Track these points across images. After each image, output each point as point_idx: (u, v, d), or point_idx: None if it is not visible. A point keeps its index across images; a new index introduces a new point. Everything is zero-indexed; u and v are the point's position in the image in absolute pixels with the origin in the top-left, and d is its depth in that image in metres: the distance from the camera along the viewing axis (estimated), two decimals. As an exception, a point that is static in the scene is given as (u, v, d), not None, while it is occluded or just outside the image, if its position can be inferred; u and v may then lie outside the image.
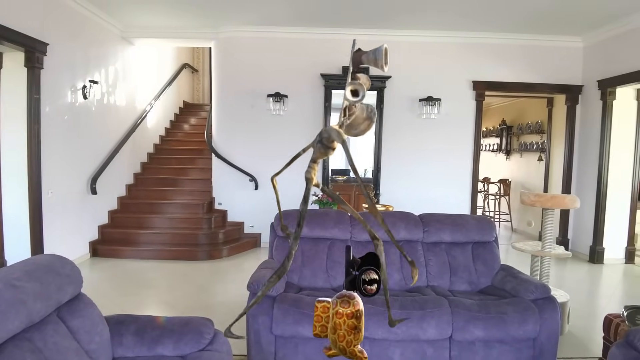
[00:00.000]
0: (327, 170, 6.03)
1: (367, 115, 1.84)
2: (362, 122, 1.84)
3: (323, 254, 3.08)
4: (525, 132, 8.05)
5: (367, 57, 1.80)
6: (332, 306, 1.21)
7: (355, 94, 1.79)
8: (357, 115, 1.80)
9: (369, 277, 1.42)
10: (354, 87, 1.78)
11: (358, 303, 1.27)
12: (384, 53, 1.72)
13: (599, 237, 5.68)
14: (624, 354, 2.06)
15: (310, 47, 5.97)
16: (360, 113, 1.82)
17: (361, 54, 1.85)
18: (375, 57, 1.75)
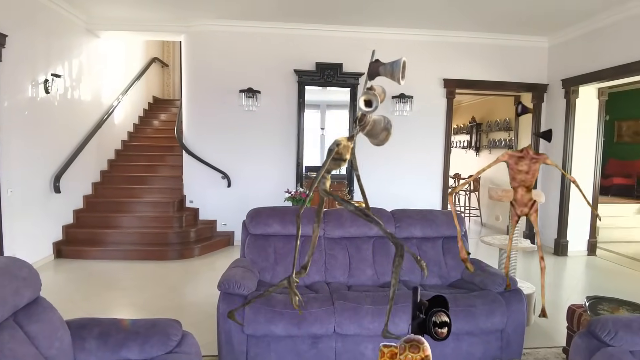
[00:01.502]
0: (301, 167, 6.00)
1: (385, 126, 1.86)
2: (380, 132, 1.86)
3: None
4: (494, 129, 8.27)
5: (384, 69, 1.80)
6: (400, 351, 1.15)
7: (368, 104, 1.79)
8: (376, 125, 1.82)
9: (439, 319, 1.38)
10: (368, 98, 1.78)
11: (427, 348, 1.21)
12: (402, 66, 1.72)
13: (563, 231, 5.90)
14: (587, 343, 2.13)
15: (283, 42, 5.92)
16: (379, 123, 1.83)
17: (379, 65, 1.84)
18: (393, 70, 1.74)
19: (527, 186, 2.03)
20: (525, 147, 2.06)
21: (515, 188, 2.04)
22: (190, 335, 1.98)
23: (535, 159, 2.01)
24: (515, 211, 2.06)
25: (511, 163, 2.02)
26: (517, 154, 2.01)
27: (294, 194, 3.91)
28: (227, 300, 2.52)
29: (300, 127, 5.92)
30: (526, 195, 2.04)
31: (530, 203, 2.03)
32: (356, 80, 5.93)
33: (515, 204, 2.05)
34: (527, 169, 1.99)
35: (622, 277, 5.02)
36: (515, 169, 2.00)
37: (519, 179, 2.01)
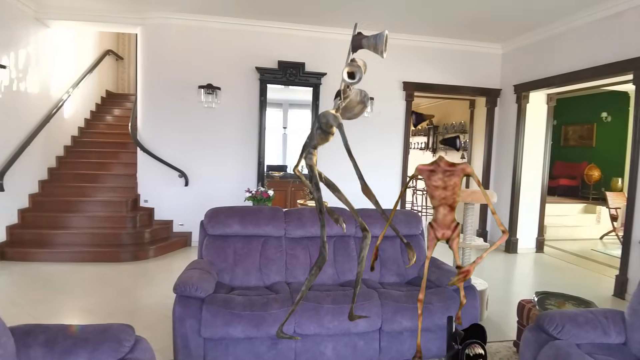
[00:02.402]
0: (263, 167, 5.93)
1: (361, 99, 1.85)
2: (356, 105, 1.84)
3: (256, 252, 3.03)
4: (450, 131, 8.55)
5: (367, 42, 1.79)
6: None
7: (351, 76, 1.78)
8: (352, 99, 1.80)
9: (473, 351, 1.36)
10: (351, 69, 1.77)
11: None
12: (385, 39, 1.72)
13: (514, 229, 6.20)
14: (535, 336, 2.25)
15: (245, 39, 5.82)
16: (355, 97, 1.82)
17: (361, 38, 1.82)
18: (376, 42, 1.74)
19: (449, 205, 1.73)
20: (436, 159, 1.77)
21: (435, 207, 1.75)
22: (143, 341, 1.91)
23: (450, 172, 1.71)
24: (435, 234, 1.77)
25: (425, 178, 1.74)
26: (428, 168, 1.74)
27: (255, 193, 3.85)
28: (183, 303, 2.45)
29: (261, 126, 5.85)
30: (448, 215, 1.74)
31: (453, 225, 1.74)
32: (318, 80, 5.94)
33: (435, 225, 1.76)
34: (443, 184, 1.71)
35: (567, 273, 5.33)
36: (430, 185, 1.73)
37: (437, 197, 1.73)
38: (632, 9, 4.31)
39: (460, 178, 1.69)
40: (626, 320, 2.23)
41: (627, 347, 2.18)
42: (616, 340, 2.20)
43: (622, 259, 4.43)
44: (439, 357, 2.78)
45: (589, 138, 9.84)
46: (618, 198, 6.94)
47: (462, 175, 1.69)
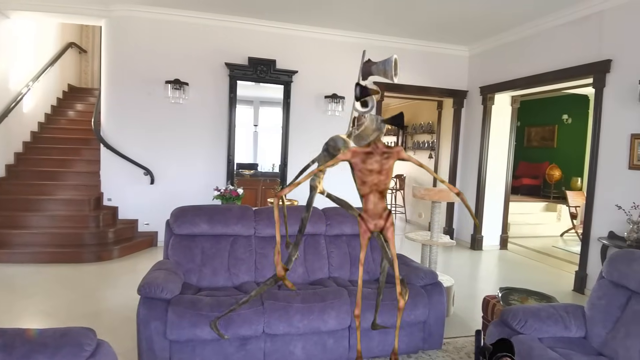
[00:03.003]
0: (232, 165, 5.85)
1: (377, 126, 1.82)
2: (371, 133, 1.81)
3: (225, 252, 2.98)
4: (418, 131, 8.70)
5: (376, 68, 1.78)
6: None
7: (364, 104, 1.76)
8: (367, 126, 1.77)
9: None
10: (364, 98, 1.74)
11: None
12: (394, 64, 1.71)
13: (479, 226, 6.37)
14: (500, 331, 2.31)
15: (214, 34, 5.71)
16: (370, 124, 1.79)
17: (371, 65, 1.82)
18: (385, 68, 1.73)
19: (380, 191, 1.60)
20: (372, 140, 1.64)
21: (365, 195, 1.59)
22: (105, 344, 1.83)
23: (388, 154, 1.60)
24: (367, 225, 1.59)
25: (357, 162, 1.60)
26: (364, 150, 1.61)
27: (224, 191, 3.79)
28: (148, 305, 2.38)
29: (231, 123, 5.77)
30: (380, 203, 1.58)
31: (385, 214, 1.59)
32: (290, 78, 5.91)
33: (365, 216, 1.58)
34: (379, 168, 1.59)
35: (530, 269, 5.53)
36: (364, 169, 1.58)
37: (370, 182, 1.58)
38: (594, 15, 4.51)
39: (394, 161, 1.64)
40: (586, 315, 2.33)
41: (587, 341, 2.27)
42: (577, 334, 2.29)
43: (581, 255, 4.63)
44: (407, 354, 2.83)
45: (550, 139, 10.24)
46: (577, 197, 7.25)
47: (396, 158, 1.64)
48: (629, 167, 4.06)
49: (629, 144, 4.07)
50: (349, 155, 1.61)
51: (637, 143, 3.98)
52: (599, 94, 4.44)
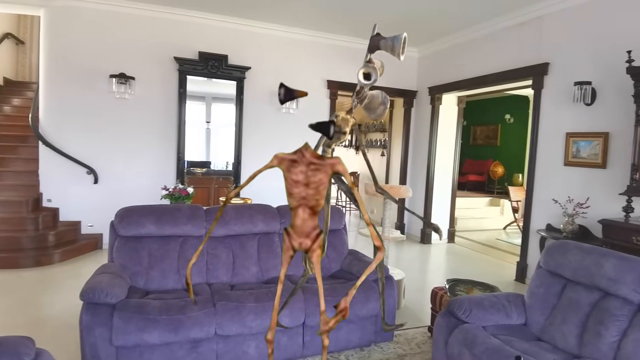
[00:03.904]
0: (182, 163, 5.67)
1: (382, 100, 1.80)
2: (378, 106, 1.78)
3: (174, 253, 2.88)
4: (371, 130, 8.88)
5: (384, 43, 1.74)
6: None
7: (367, 77, 1.71)
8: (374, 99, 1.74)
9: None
10: (367, 70, 1.71)
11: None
12: (403, 42, 1.67)
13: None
14: (447, 321, 2.40)
15: (163, 27, 5.50)
16: (377, 98, 1.76)
17: (379, 39, 1.77)
18: (393, 44, 1.69)
19: (310, 207, 1.37)
20: (301, 147, 1.42)
21: (294, 209, 1.39)
22: (45, 353, 1.73)
23: (317, 166, 1.36)
24: (291, 242, 1.40)
25: (284, 170, 1.39)
26: (289, 157, 1.39)
27: (173, 190, 3.66)
28: (92, 310, 2.26)
29: (181, 119, 5.59)
30: (309, 221, 1.38)
31: (314, 233, 1.40)
32: (242, 74, 5.81)
33: (291, 231, 1.40)
34: (305, 180, 1.37)
35: (476, 261, 5.80)
36: (289, 179, 1.38)
37: (296, 195, 1.37)
38: (532, 20, 4.79)
39: (328, 176, 1.39)
40: (526, 303, 2.48)
41: (527, 327, 2.42)
42: (517, 321, 2.43)
43: (522, 247, 4.92)
44: (360, 347, 2.88)
45: (494, 138, 10.79)
46: (519, 192, 7.70)
47: (331, 172, 1.39)
48: (564, 163, 4.36)
49: (565, 142, 4.37)
50: (275, 162, 1.41)
51: (571, 141, 4.28)
52: (537, 95, 4.73)
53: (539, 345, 2.22)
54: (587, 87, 4.03)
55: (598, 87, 4.01)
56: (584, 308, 2.21)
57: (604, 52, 3.96)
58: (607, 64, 3.91)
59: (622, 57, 3.42)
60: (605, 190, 3.89)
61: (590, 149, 4.09)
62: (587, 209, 3.89)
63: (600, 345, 2.04)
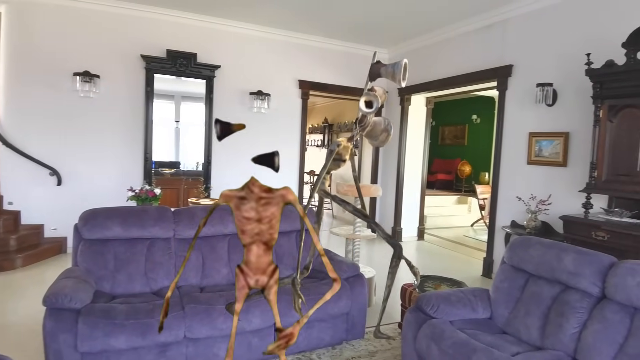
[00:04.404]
0: (150, 163, 5.53)
1: (385, 127, 1.77)
2: (380, 133, 1.76)
3: (141, 256, 2.81)
4: (343, 130, 8.94)
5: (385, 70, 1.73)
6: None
7: (369, 105, 1.69)
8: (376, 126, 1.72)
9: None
10: (368, 99, 1.69)
11: None
12: (403, 68, 1.67)
13: (398, 219, 6.72)
14: (415, 317, 2.45)
15: (129, 24, 5.35)
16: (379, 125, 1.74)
17: (380, 67, 1.77)
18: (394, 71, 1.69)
19: (265, 242, 1.34)
20: (247, 182, 1.35)
21: (247, 246, 1.35)
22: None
23: (267, 200, 1.33)
24: (246, 280, 1.36)
25: (233, 208, 1.34)
26: (237, 194, 1.34)
27: (139, 192, 3.57)
28: (56, 316, 2.19)
29: (148, 118, 5.45)
30: (264, 257, 1.35)
31: (270, 269, 1.37)
32: (212, 73, 5.73)
33: (245, 269, 1.36)
34: (257, 216, 1.33)
35: (444, 257, 5.94)
36: (240, 217, 1.33)
37: (249, 232, 1.34)
38: (498, 23, 4.94)
39: (279, 208, 1.35)
40: (491, 297, 2.56)
41: (493, 321, 2.49)
42: (483, 315, 2.51)
43: (488, 243, 5.07)
44: (332, 346, 2.90)
45: (462, 137, 11.07)
46: (485, 190, 7.92)
47: (282, 204, 1.35)
48: (528, 162, 4.53)
49: (528, 141, 4.53)
50: (221, 200, 1.35)
51: (534, 141, 4.45)
52: (502, 96, 4.89)
53: (504, 338, 2.30)
54: (548, 88, 4.20)
55: (559, 89, 4.19)
56: (545, 301, 2.30)
57: (565, 54, 4.13)
58: (567, 66, 4.08)
59: (582, 59, 3.57)
60: (566, 188, 4.06)
61: (551, 148, 4.26)
62: (549, 205, 4.05)
63: (561, 337, 2.13)
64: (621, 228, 3.10)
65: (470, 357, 1.99)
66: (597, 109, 3.42)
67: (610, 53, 3.38)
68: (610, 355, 1.93)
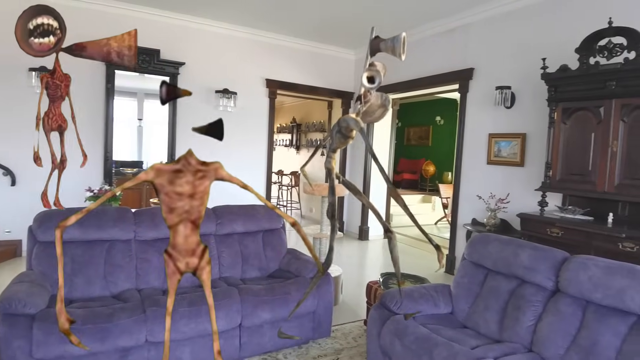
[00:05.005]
0: (110, 162, 5.34)
1: (382, 102, 1.73)
2: (376, 109, 1.71)
3: (100, 259, 2.71)
4: (311, 130, 8.95)
5: (385, 45, 1.69)
6: None
7: (371, 80, 1.64)
8: (372, 102, 1.67)
9: None
10: (371, 74, 1.64)
11: None
12: (402, 42, 1.63)
13: (365, 218, 6.81)
14: (379, 313, 2.49)
15: (89, 18, 5.13)
16: (375, 100, 1.70)
17: (379, 42, 1.72)
18: (394, 45, 1.65)
19: (193, 220, 1.25)
20: (184, 155, 1.28)
21: (173, 226, 1.25)
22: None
23: (203, 173, 1.27)
24: (176, 264, 1.26)
25: (162, 184, 1.23)
26: (172, 167, 1.24)
27: (98, 192, 3.44)
28: (9, 322, 2.08)
29: (109, 116, 5.26)
30: (192, 236, 1.26)
31: (200, 249, 1.28)
32: (176, 70, 5.60)
33: (173, 252, 1.26)
34: (192, 190, 1.24)
35: (409, 255, 6.06)
36: (171, 192, 1.22)
37: (180, 209, 1.24)
38: (461, 28, 5.08)
39: (210, 183, 1.28)
40: (452, 293, 2.64)
41: (454, 316, 2.57)
42: (444, 310, 2.58)
43: (450, 240, 5.22)
44: (298, 345, 2.90)
45: (426, 138, 11.32)
46: (448, 189, 8.13)
47: (214, 178, 1.29)
48: (487, 162, 4.69)
49: (487, 142, 4.69)
50: (151, 175, 1.23)
51: (493, 141, 4.62)
52: (463, 99, 5.04)
53: (464, 332, 2.37)
54: (507, 91, 4.36)
55: (517, 92, 4.36)
56: (503, 295, 2.39)
57: (523, 59, 4.31)
58: (525, 70, 4.26)
59: (538, 64, 3.73)
60: (523, 187, 4.24)
61: (509, 148, 4.43)
62: (508, 204, 4.22)
63: (518, 330, 2.22)
64: (574, 225, 3.27)
65: (431, 351, 2.04)
66: (551, 112, 3.58)
67: (564, 58, 3.55)
68: (563, 346, 2.03)
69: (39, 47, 2.05)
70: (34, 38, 1.96)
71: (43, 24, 2.03)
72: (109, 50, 2.19)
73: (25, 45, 2.02)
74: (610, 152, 3.18)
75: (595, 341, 1.92)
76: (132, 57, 2.20)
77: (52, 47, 2.09)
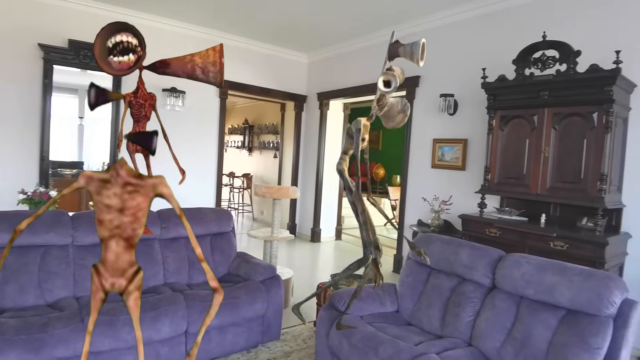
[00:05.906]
0: (47, 163, 5.01)
1: (402, 108, 1.68)
2: (397, 114, 1.66)
3: (34, 266, 2.54)
4: (264, 131, 8.89)
5: (403, 50, 1.64)
6: None
7: (387, 84, 1.58)
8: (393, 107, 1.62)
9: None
10: (387, 78, 1.59)
11: None
12: (422, 47, 1.58)
13: (317, 220, 6.86)
14: (329, 314, 2.52)
15: (24, 10, 4.81)
16: (396, 106, 1.64)
17: (398, 47, 1.66)
18: (412, 51, 1.60)
19: (125, 238, 1.15)
20: (114, 164, 1.16)
21: (104, 240, 1.15)
22: None
23: (135, 187, 1.14)
24: (101, 282, 1.17)
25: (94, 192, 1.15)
26: (100, 176, 1.14)
27: (32, 194, 3.22)
28: None
29: (45, 114, 4.93)
30: (124, 255, 1.16)
31: (131, 271, 1.17)
32: (120, 68, 5.36)
33: (101, 269, 1.16)
34: (120, 205, 1.13)
35: (359, 255, 6.14)
36: (99, 203, 1.14)
37: (108, 223, 1.14)
38: (406, 37, 5.25)
39: (148, 200, 1.15)
40: (397, 292, 2.73)
41: (399, 314, 2.66)
42: (390, 308, 2.66)
43: (398, 241, 5.39)
44: (247, 349, 2.87)
45: (376, 142, 11.59)
46: (397, 192, 8.37)
47: (153, 195, 1.15)
48: (432, 166, 4.89)
49: (432, 147, 4.90)
50: (82, 182, 1.15)
51: (437, 146, 4.82)
52: (410, 105, 5.21)
53: (409, 329, 2.46)
54: (450, 98, 4.58)
55: (459, 99, 4.59)
56: (445, 293, 2.51)
57: (465, 68, 4.54)
58: (466, 78, 4.49)
59: (479, 73, 3.94)
60: (465, 189, 4.46)
61: (452, 153, 4.65)
62: (450, 205, 4.42)
63: (458, 325, 2.34)
64: (510, 225, 3.48)
65: (377, 349, 2.10)
66: (490, 119, 3.80)
67: (503, 68, 3.78)
68: (500, 340, 2.16)
69: (119, 66, 1.95)
70: (113, 56, 1.86)
71: (122, 42, 1.94)
72: (194, 66, 2.10)
73: (104, 64, 1.91)
74: (543, 157, 3.42)
75: (528, 334, 2.06)
76: (217, 74, 2.12)
77: (133, 65, 1.98)
